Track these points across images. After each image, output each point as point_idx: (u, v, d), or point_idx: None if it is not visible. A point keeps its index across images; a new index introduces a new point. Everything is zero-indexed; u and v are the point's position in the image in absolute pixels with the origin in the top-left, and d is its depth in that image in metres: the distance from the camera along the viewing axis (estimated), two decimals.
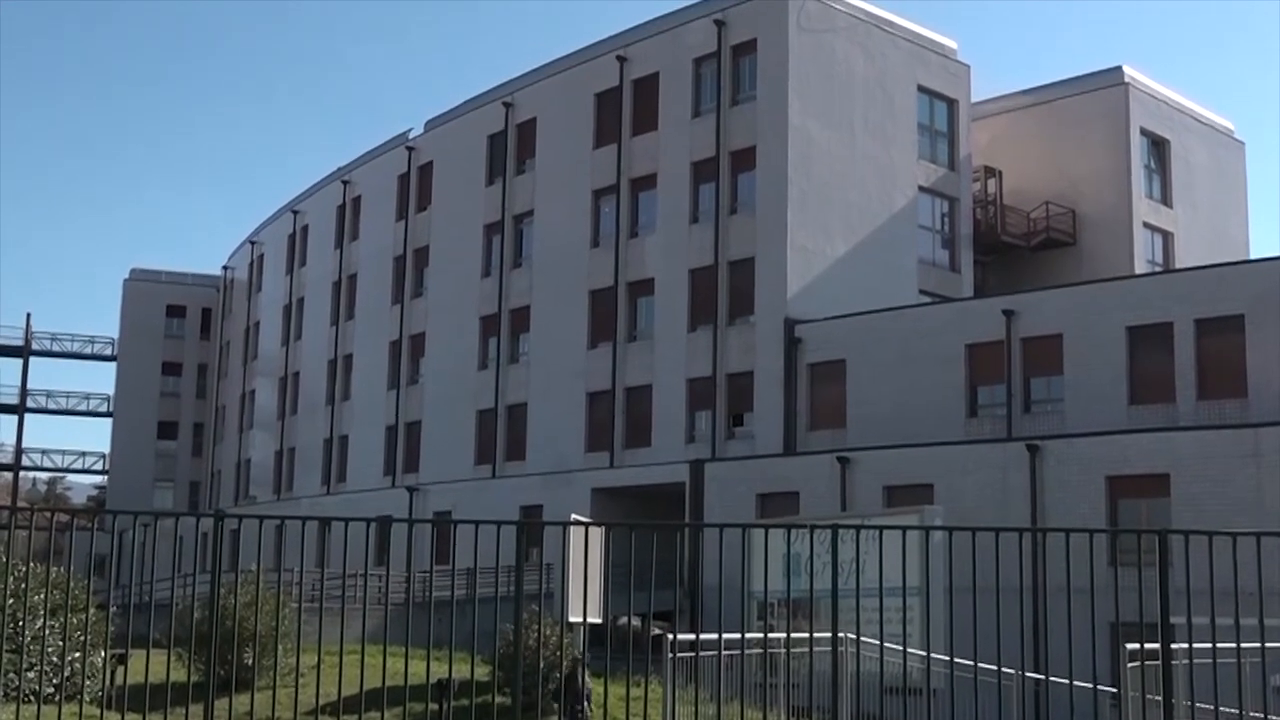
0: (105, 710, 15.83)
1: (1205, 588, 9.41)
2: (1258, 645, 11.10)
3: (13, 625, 13.04)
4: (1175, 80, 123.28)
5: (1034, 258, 51.09)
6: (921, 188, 47.58)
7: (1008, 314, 38.63)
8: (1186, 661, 11.63)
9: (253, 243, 78.41)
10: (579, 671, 16.23)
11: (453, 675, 11.49)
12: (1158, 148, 52.40)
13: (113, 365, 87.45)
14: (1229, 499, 30.41)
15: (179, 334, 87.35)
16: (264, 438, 72.10)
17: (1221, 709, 10.10)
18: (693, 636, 16.82)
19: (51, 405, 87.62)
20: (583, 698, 17.40)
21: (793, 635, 13.21)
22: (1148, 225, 51.16)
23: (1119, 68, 51.88)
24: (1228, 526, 24.98)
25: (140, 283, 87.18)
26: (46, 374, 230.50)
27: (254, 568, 21.82)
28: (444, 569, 38.70)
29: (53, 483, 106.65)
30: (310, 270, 68.73)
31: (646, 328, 47.96)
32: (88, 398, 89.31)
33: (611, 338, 48.29)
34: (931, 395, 39.63)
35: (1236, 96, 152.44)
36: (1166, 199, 52.30)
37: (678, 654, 15.24)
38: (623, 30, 50.76)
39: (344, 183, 65.62)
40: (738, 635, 14.39)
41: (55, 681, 16.00)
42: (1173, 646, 9.77)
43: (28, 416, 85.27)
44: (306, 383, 67.42)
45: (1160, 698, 10.00)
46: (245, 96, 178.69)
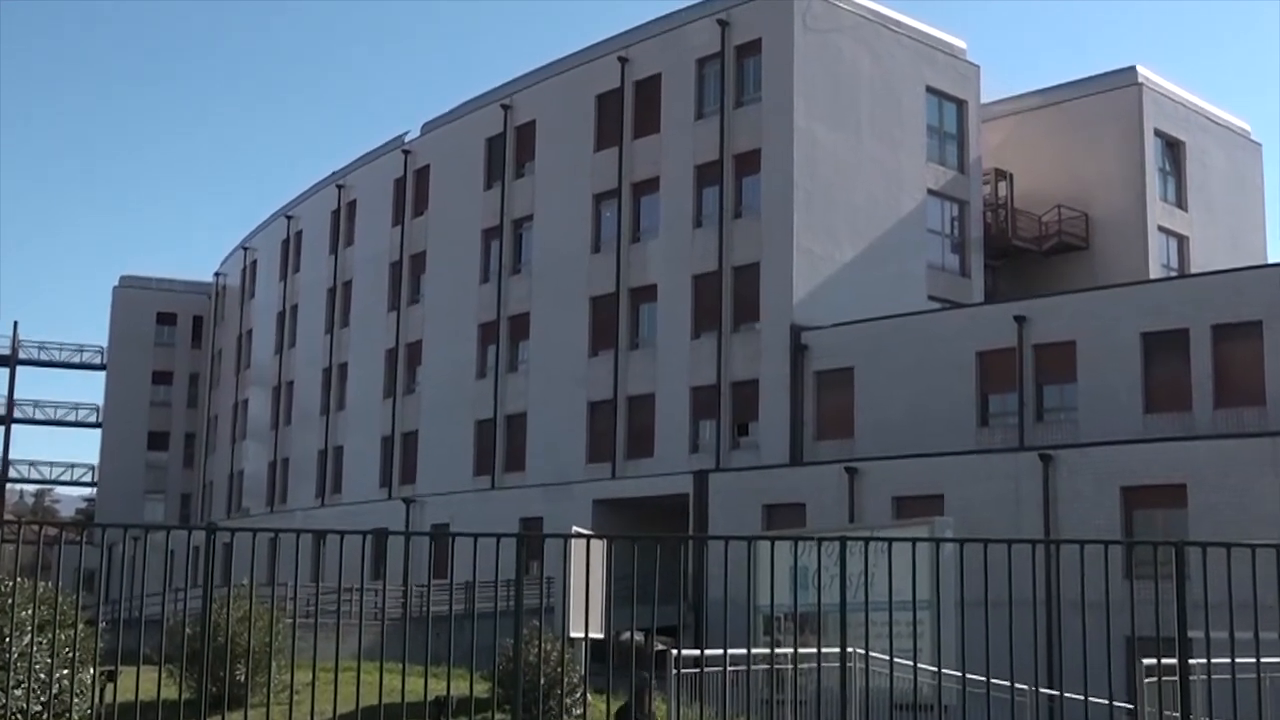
0: None
1: (1224, 601, 9.39)
2: (1278, 660, 11.07)
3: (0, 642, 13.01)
4: (1190, 81, 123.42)
5: (1046, 262, 51.08)
6: (930, 191, 47.57)
7: (1019, 320, 38.60)
8: (1205, 677, 11.61)
9: (245, 248, 78.46)
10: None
11: (451, 693, 11.48)
12: (1172, 149, 52.40)
13: (102, 374, 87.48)
14: (1248, 510, 30.37)
15: (170, 342, 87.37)
16: (257, 448, 72.10)
17: None
18: (697, 652, 16.79)
19: (39, 415, 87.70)
20: None
21: (800, 651, 13.20)
22: (1162, 229, 51.15)
23: (1132, 68, 51.89)
24: (1247, 538, 24.95)
25: (130, 290, 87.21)
26: (34, 383, 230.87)
27: (247, 582, 21.82)
28: (442, 583, 38.67)
29: (40, 495, 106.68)
30: (304, 277, 68.75)
31: (649, 335, 47.95)
32: (76, 408, 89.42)
33: (613, 345, 48.28)
34: (942, 404, 39.59)
35: (1252, 97, 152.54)
36: (1181, 202, 52.29)
37: (682, 670, 15.23)
38: (624, 30, 50.83)
39: (339, 187, 65.67)
40: (743, 651, 14.37)
41: (43, 699, 15.98)
42: (1190, 662, 9.75)
43: (14, 427, 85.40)
44: (300, 392, 67.41)
45: (1178, 715, 9.97)
46: (238, 99, 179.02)
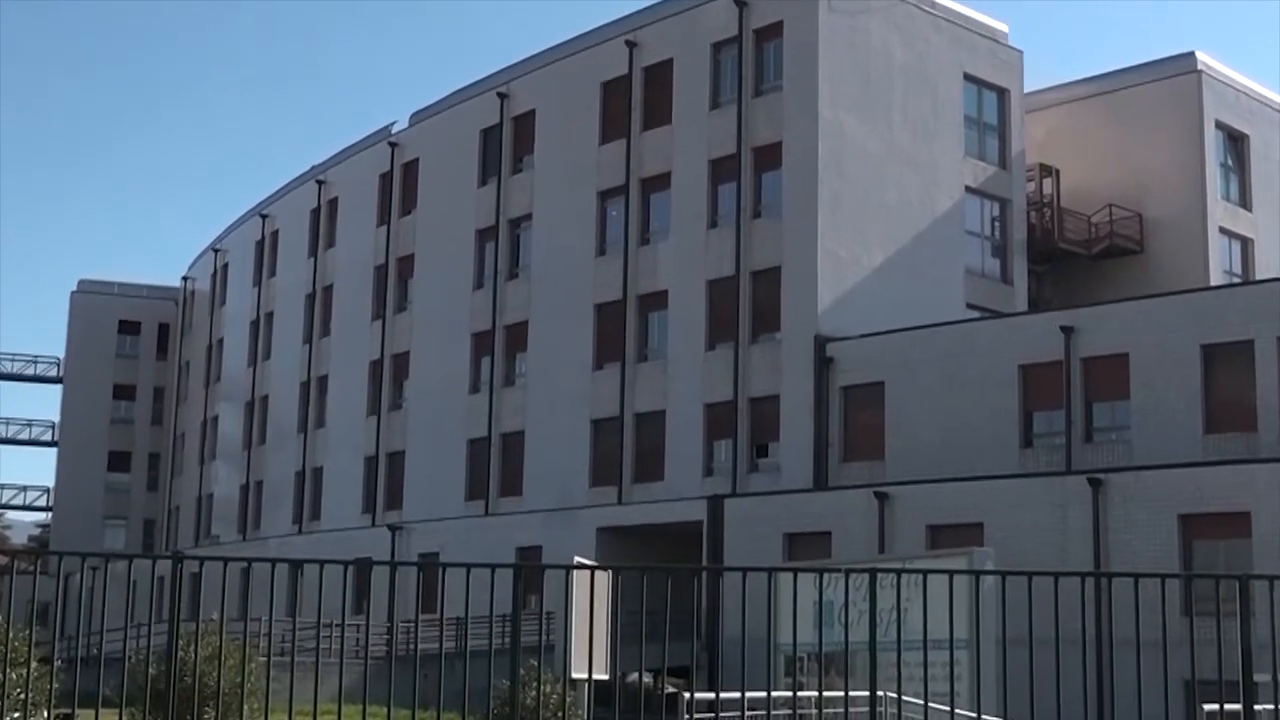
0: None
1: None
2: None
3: None
4: (1254, 69, 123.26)
5: (1096, 267, 51.04)
6: (969, 188, 47.57)
7: (1066, 331, 38.57)
8: None
9: (216, 250, 78.57)
10: None
11: None
12: (1235, 143, 52.36)
13: (58, 388, 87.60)
14: None
15: (132, 353, 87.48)
16: (228, 470, 72.14)
17: None
18: (712, 695, 16.77)
19: None
20: None
21: (825, 694, 13.17)
22: (1224, 230, 51.09)
23: (1191, 54, 51.88)
24: None
25: (89, 295, 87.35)
26: None
27: (216, 617, 21.82)
28: (431, 618, 38.63)
29: None
30: (280, 281, 68.84)
31: (659, 346, 47.94)
32: (29, 424, 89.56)
33: (619, 357, 48.29)
34: (981, 422, 39.55)
35: None
36: (1245, 201, 52.24)
37: (695, 715, 15.20)
38: (632, 12, 50.91)
39: (319, 183, 65.76)
40: (763, 694, 14.35)
41: None
42: (1256, 708, 9.72)
43: None
44: (276, 408, 67.45)
45: None
46: (207, 87, 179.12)
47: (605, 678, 16.09)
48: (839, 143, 44.68)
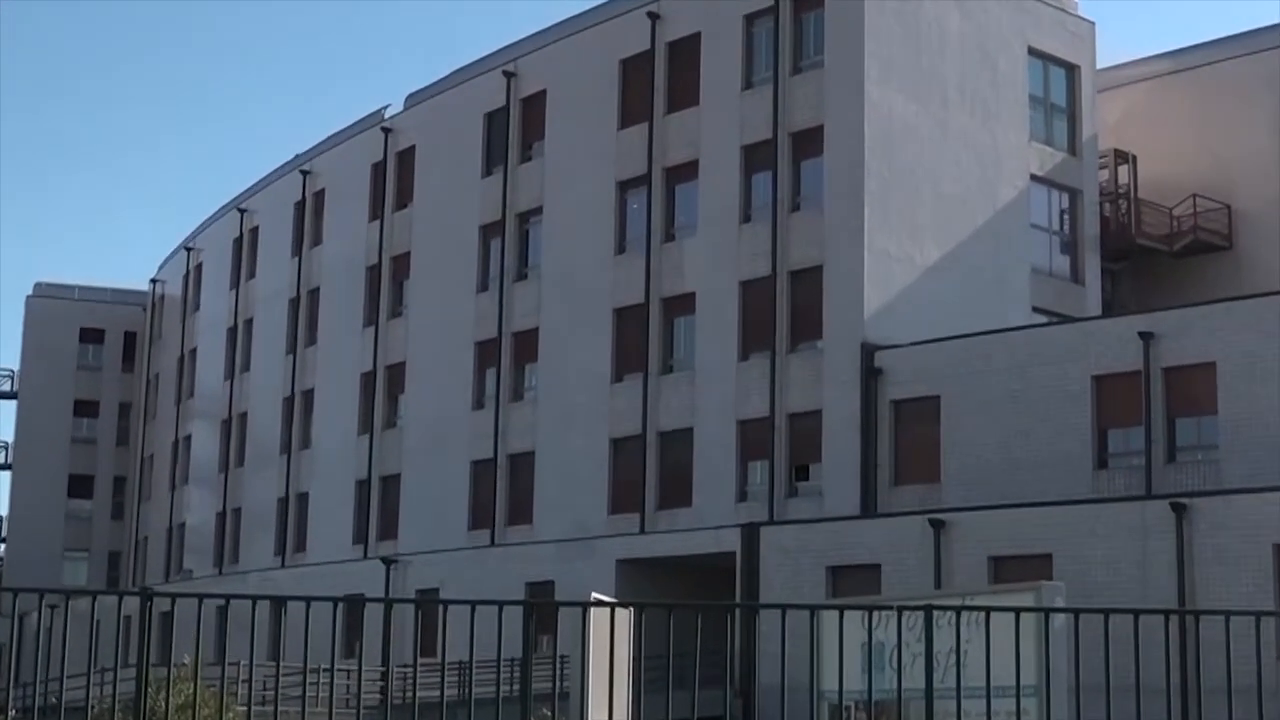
0: None
1: None
2: None
3: None
4: None
5: (1178, 265, 50.93)
6: (1034, 177, 47.51)
7: (1145, 337, 38.50)
8: None
9: (188, 249, 78.83)
10: None
11: None
12: None
13: (11, 404, 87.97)
14: None
15: (95, 364, 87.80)
16: (202, 496, 72.31)
17: None
18: None
19: None
20: None
21: None
22: None
23: None
24: None
25: (47, 300, 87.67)
26: None
27: (190, 660, 21.84)
28: (431, 662, 38.69)
29: None
30: (261, 284, 69.03)
31: (685, 356, 47.96)
32: None
33: (641, 369, 48.32)
34: (1049, 441, 39.47)
35: None
36: None
37: None
38: None
39: (303, 173, 65.96)
40: None
41: None
42: None
43: None
44: (256, 426, 67.61)
45: None
46: (175, 66, 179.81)
47: None
48: (888, 125, 44.64)
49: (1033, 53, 48.12)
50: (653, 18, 49.75)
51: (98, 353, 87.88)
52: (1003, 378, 40.64)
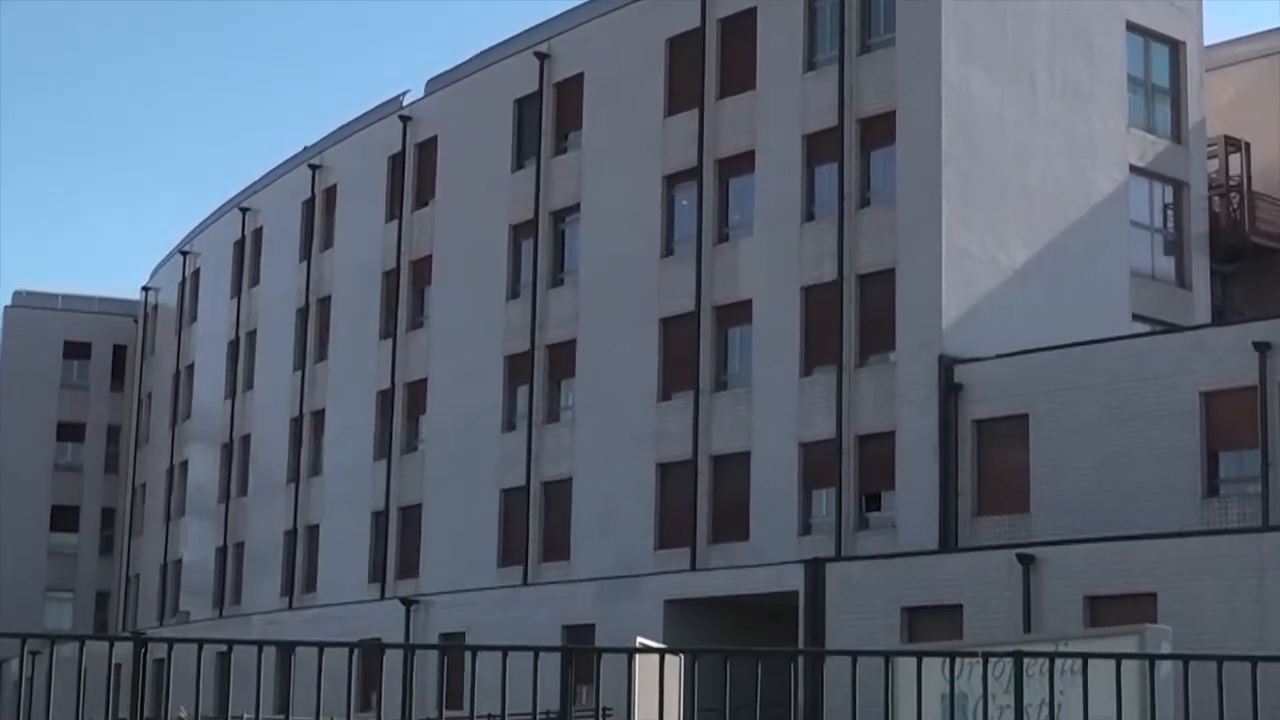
0: None
1: None
2: None
3: None
4: None
5: None
6: (1134, 168, 47.39)
7: (1261, 348, 38.34)
8: None
9: (185, 253, 79.24)
10: None
11: None
12: None
13: None
14: None
15: (81, 383, 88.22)
16: (200, 529, 72.62)
17: None
18: None
19: None
20: None
21: None
22: None
23: None
24: None
25: (26, 310, 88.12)
26: None
27: (186, 713, 21.98)
28: (457, 715, 38.74)
29: None
30: (266, 291, 69.33)
31: (741, 371, 47.98)
32: None
33: (692, 385, 48.34)
34: (1152, 465, 39.32)
35: None
36: None
37: None
38: None
39: (312, 167, 66.24)
40: None
41: None
42: None
43: None
44: (260, 451, 67.87)
45: None
46: (171, 50, 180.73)
47: None
48: (968, 110, 44.59)
49: (1132, 28, 48.00)
50: None
51: (83, 369, 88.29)
52: (1099, 394, 40.51)
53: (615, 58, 52.68)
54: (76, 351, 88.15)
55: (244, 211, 72.01)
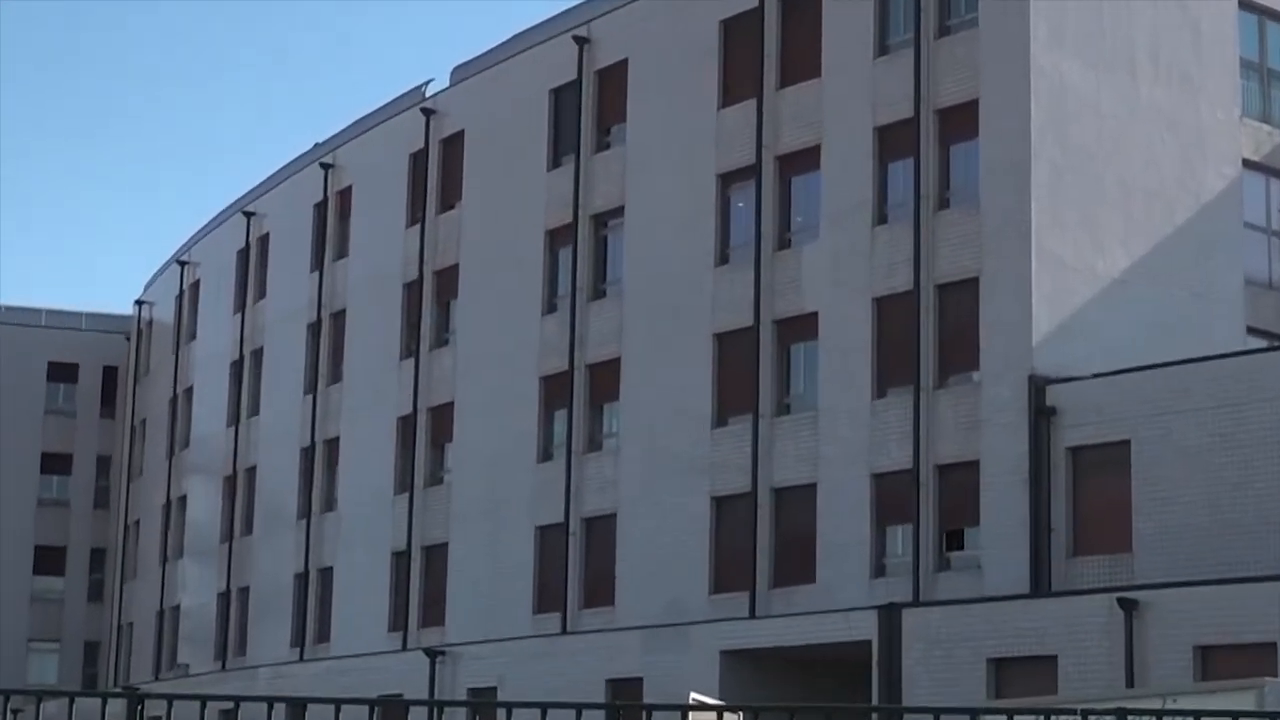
0: None
1: None
2: None
3: None
4: None
5: None
6: (1248, 162, 47.28)
7: None
8: None
9: (182, 263, 79.55)
10: None
11: None
12: None
13: None
14: None
15: (68, 408, 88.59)
16: (200, 572, 72.85)
17: None
18: None
19: None
20: None
21: None
22: None
23: None
24: None
25: (8, 328, 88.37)
26: None
27: None
28: None
29: None
30: (273, 306, 69.56)
31: (806, 393, 47.97)
32: None
33: (750, 409, 48.33)
34: (1269, 497, 39.17)
35: None
36: None
37: None
38: None
39: (325, 167, 66.43)
40: None
41: None
42: None
43: None
44: (267, 484, 68.07)
45: None
46: (167, 39, 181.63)
47: None
48: (1060, 100, 44.54)
49: (1245, 6, 47.91)
50: None
51: (70, 393, 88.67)
52: (1210, 417, 40.36)
53: (663, 42, 52.74)
54: (62, 374, 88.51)
55: (248, 216, 72.28)
